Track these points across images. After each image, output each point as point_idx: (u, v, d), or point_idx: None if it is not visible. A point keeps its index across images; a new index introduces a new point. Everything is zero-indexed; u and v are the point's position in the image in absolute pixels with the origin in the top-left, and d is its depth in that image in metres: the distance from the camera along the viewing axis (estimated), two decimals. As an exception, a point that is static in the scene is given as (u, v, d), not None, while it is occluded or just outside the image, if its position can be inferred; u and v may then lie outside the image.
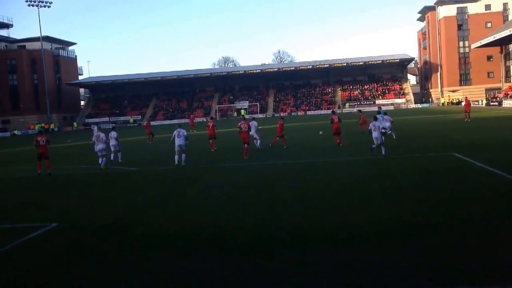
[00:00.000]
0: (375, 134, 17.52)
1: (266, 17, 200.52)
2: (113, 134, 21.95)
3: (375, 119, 18.22)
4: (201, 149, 24.32)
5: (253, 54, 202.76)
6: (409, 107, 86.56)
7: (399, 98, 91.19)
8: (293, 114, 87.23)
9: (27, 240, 8.78)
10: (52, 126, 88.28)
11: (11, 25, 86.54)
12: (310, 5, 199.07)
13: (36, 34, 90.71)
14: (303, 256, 6.98)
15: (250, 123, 23.13)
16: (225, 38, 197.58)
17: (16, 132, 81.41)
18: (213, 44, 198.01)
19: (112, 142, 21.57)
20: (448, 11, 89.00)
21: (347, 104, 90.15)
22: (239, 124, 21.37)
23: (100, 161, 19.59)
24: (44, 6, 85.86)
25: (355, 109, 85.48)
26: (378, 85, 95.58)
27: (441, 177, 12.71)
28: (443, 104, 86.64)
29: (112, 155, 21.58)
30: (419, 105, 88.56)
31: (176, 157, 18.58)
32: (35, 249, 8.26)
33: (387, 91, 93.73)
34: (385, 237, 7.64)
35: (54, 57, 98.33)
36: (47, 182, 16.94)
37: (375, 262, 6.50)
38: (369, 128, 17.94)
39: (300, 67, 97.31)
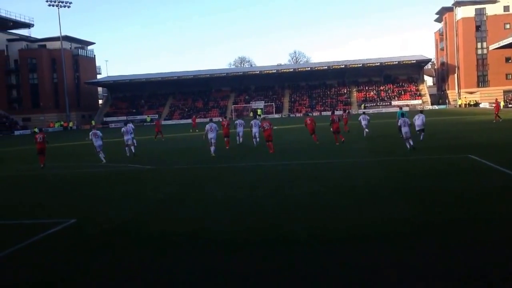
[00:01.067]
0: (404, 129, 20.16)
1: (282, 17, 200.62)
2: (130, 127, 24.44)
3: (403, 115, 21.39)
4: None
5: (269, 55, 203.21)
6: (425, 108, 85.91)
7: (415, 99, 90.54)
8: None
9: (46, 235, 8.97)
10: (70, 124, 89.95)
11: (32, 25, 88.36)
12: (326, 6, 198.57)
13: (56, 33, 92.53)
14: (318, 256, 7.03)
15: (238, 121, 26.43)
16: (241, 38, 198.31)
17: (36, 130, 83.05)
18: (229, 44, 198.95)
19: (129, 136, 23.70)
20: (466, 12, 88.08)
21: (362, 105, 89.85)
22: (261, 123, 23.13)
23: (100, 156, 21.57)
24: (64, 6, 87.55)
25: (370, 111, 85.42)
26: (394, 86, 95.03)
27: (456, 178, 12.74)
28: (460, 105, 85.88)
29: (126, 148, 23.66)
30: (436, 107, 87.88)
31: (212, 148, 21.24)
32: (53, 244, 8.47)
33: (403, 92, 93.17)
34: (400, 237, 7.68)
35: (74, 57, 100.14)
36: (66, 179, 17.41)
37: (390, 262, 6.55)
38: (399, 124, 20.88)
39: (316, 68, 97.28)
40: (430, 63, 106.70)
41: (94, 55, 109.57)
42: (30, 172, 20.11)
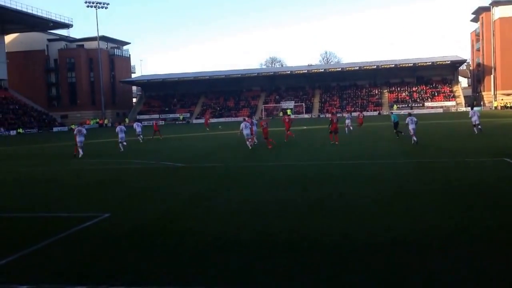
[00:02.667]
0: (411, 126, 23.33)
1: (314, 18, 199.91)
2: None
3: (410, 115, 24.32)
4: (236, 147, 25.38)
5: (300, 55, 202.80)
6: (459, 110, 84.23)
7: (449, 100, 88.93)
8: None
9: (81, 228, 9.35)
10: (106, 121, 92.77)
11: (71, 25, 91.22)
12: (357, 8, 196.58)
13: (94, 34, 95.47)
14: (343, 259, 6.99)
15: (252, 120, 29.58)
16: (272, 39, 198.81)
17: (73, 126, 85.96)
18: (261, 45, 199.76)
19: (123, 134, 28.56)
20: (504, 11, 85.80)
21: (394, 106, 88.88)
22: (260, 122, 27.11)
23: (80, 152, 24.72)
24: (102, 7, 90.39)
25: (402, 112, 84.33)
26: (427, 87, 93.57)
27: (491, 182, 12.55)
28: (496, 107, 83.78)
29: (120, 145, 28.30)
30: (469, 109, 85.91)
31: (247, 142, 25.16)
32: (88, 237, 8.78)
33: (436, 94, 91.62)
34: (431, 243, 7.48)
35: (110, 56, 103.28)
36: (101, 174, 18.16)
37: (419, 269, 6.42)
38: (407, 121, 23.86)
39: (347, 68, 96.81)
40: (465, 64, 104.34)
41: (129, 55, 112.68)
42: (67, 167, 21.11)
